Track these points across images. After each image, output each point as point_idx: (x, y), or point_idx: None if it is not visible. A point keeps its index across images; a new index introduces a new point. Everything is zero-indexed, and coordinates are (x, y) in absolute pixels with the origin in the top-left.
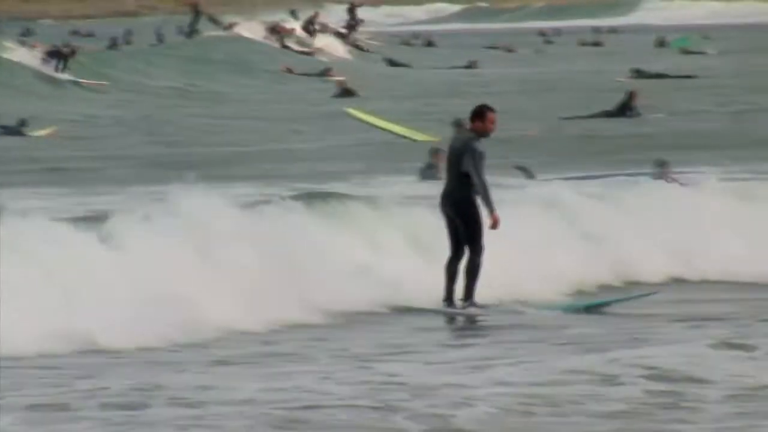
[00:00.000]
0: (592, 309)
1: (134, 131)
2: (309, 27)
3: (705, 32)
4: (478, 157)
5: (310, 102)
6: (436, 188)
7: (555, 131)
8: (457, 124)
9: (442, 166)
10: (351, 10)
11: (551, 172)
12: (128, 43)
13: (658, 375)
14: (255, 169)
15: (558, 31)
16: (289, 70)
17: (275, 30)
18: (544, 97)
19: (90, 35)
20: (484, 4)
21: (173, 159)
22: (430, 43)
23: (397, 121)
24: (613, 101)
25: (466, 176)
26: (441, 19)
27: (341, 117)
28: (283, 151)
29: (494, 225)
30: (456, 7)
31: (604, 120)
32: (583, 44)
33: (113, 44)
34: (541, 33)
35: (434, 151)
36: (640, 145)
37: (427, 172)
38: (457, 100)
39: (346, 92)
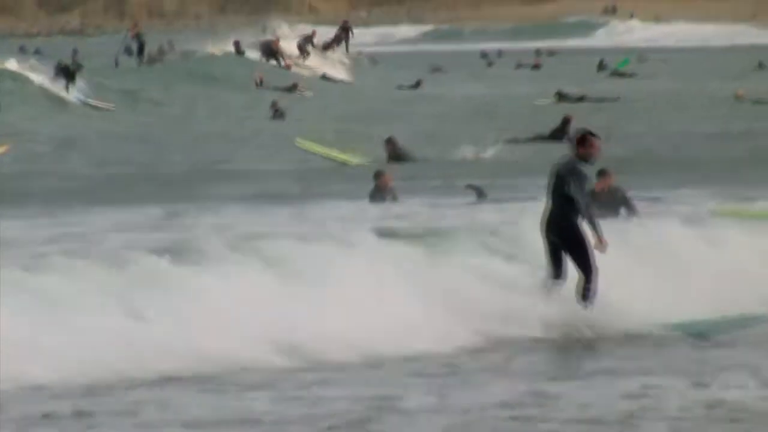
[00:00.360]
0: (702, 335)
1: (80, 149)
2: (305, 46)
3: (643, 54)
4: (582, 180)
5: (258, 118)
6: (383, 210)
7: (497, 154)
8: (389, 141)
9: (389, 187)
10: (345, 29)
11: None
12: (74, 63)
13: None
14: (205, 188)
15: (500, 53)
16: (261, 81)
17: (272, 49)
18: (479, 119)
19: (37, 53)
20: (445, 26)
21: (95, 181)
22: (374, 62)
23: (332, 142)
24: (544, 123)
25: (570, 200)
26: (403, 40)
27: (280, 137)
28: (220, 171)
29: (601, 248)
30: (425, 28)
31: (544, 144)
32: (519, 66)
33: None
34: (483, 54)
35: (379, 175)
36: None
37: (376, 196)
38: (395, 121)
39: (277, 113)
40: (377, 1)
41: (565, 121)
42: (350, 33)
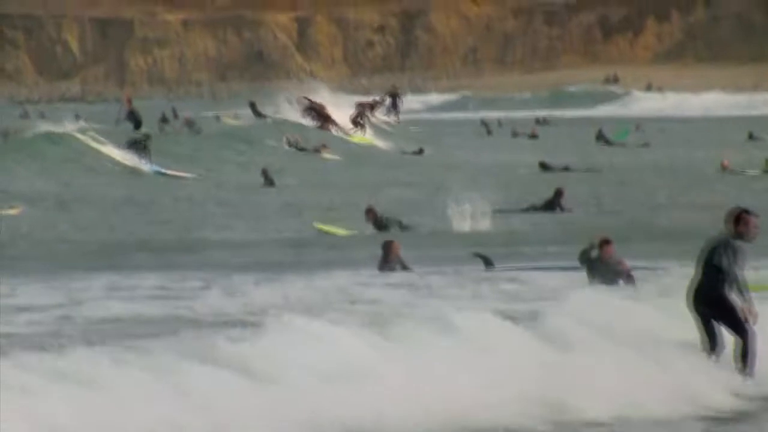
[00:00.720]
0: None
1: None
2: (358, 119)
3: (640, 124)
4: (737, 254)
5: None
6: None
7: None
8: (369, 211)
9: (397, 256)
10: (393, 95)
11: (504, 262)
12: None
13: None
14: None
15: (500, 122)
16: (293, 141)
17: (321, 114)
18: (472, 186)
19: (42, 117)
20: (467, 93)
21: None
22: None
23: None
24: (533, 192)
25: (720, 272)
26: (409, 110)
27: (273, 205)
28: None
29: (752, 319)
30: (429, 98)
31: (538, 214)
32: (516, 135)
33: None
34: (483, 123)
35: (388, 245)
36: (578, 237)
37: (385, 265)
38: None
39: (267, 180)
40: (378, 68)
41: (558, 193)
42: (398, 99)
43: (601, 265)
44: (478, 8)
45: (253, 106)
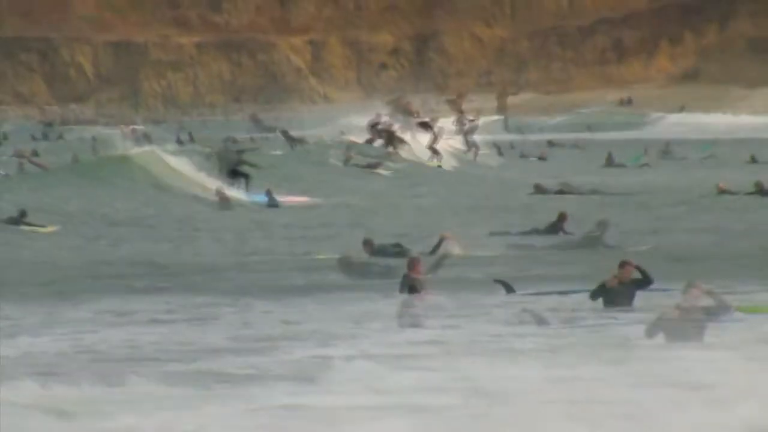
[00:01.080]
0: None
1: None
2: (435, 146)
3: (647, 147)
4: None
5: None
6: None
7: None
8: (366, 243)
9: (417, 273)
10: (459, 119)
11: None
12: (94, 150)
13: None
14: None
15: (512, 144)
16: (346, 160)
17: (392, 135)
18: (469, 212)
19: (60, 138)
20: (494, 117)
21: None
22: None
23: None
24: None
25: None
26: None
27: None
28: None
29: None
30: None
31: (545, 237)
32: (523, 156)
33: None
34: (495, 145)
35: (412, 261)
36: (585, 260)
37: (404, 285)
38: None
39: (271, 199)
40: (391, 90)
41: (561, 218)
42: (464, 121)
43: (620, 287)
44: (492, 30)
45: (285, 133)
